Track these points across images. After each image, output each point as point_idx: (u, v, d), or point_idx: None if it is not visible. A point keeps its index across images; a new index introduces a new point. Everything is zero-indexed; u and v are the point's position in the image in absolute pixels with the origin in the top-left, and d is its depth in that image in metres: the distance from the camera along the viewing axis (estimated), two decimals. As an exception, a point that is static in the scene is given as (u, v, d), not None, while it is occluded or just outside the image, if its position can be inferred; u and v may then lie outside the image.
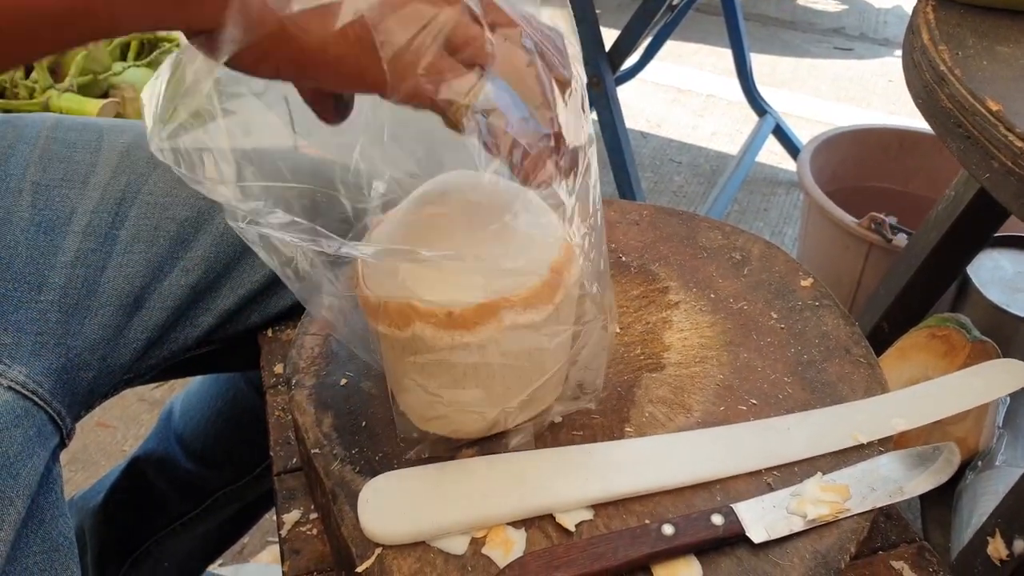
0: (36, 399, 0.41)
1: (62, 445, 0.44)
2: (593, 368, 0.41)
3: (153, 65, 1.60)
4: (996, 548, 0.54)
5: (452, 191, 0.38)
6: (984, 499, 0.73)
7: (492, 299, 0.35)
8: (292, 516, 0.46)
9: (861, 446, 0.41)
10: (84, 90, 1.44)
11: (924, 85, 0.53)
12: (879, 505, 0.38)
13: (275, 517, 0.78)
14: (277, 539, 0.90)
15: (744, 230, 0.57)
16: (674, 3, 1.22)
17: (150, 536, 0.70)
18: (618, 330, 0.49)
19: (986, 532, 0.56)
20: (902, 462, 0.40)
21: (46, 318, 0.44)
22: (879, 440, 0.41)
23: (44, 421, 0.41)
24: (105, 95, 1.53)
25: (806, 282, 0.52)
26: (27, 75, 1.44)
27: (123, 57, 1.66)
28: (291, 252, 0.36)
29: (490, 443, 0.41)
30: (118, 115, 1.46)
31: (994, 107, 0.46)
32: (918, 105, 0.54)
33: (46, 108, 1.37)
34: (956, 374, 0.45)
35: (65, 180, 0.49)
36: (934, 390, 0.44)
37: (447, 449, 0.40)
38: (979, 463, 0.78)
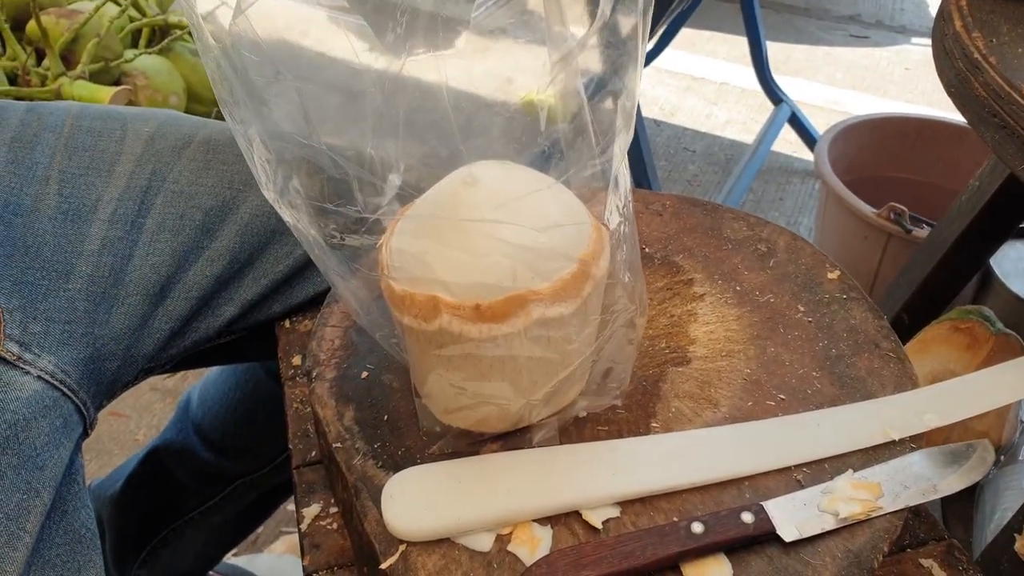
0: (64, 389, 0.41)
1: (84, 435, 0.44)
2: (620, 362, 0.40)
3: (164, 52, 1.60)
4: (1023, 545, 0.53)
5: (481, 180, 0.37)
6: (1007, 494, 0.72)
7: (520, 292, 0.35)
8: (312, 510, 0.45)
9: (892, 443, 0.40)
10: (96, 77, 1.43)
11: (957, 73, 0.52)
12: (912, 504, 0.37)
13: (289, 507, 0.78)
14: (292, 529, 0.90)
15: (769, 221, 0.56)
16: (691, -11, 1.20)
17: (168, 525, 0.71)
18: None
19: (1012, 529, 0.55)
20: (935, 460, 0.40)
21: (74, 307, 0.44)
22: (911, 437, 0.40)
23: (71, 411, 0.41)
24: (117, 82, 1.52)
25: (833, 275, 0.51)
26: (39, 62, 1.43)
27: (135, 44, 1.65)
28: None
29: (514, 438, 0.40)
30: (130, 102, 1.46)
31: (1031, 96, 0.44)
32: (950, 94, 0.53)
33: (58, 95, 1.37)
34: (988, 370, 0.44)
35: (91, 168, 0.49)
36: (966, 386, 0.43)
37: (470, 443, 0.40)
38: (1001, 458, 0.78)
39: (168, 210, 0.50)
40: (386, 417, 0.42)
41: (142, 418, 1.17)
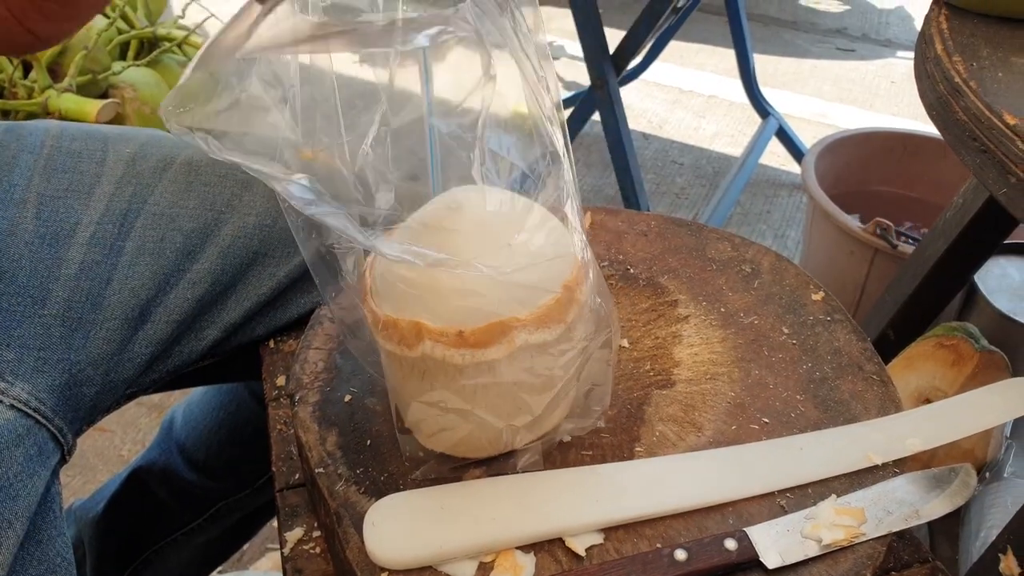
0: (38, 417, 0.40)
1: (62, 461, 0.44)
2: (600, 384, 0.40)
3: (153, 65, 1.59)
4: (1008, 565, 0.53)
5: (463, 206, 0.37)
6: (992, 511, 0.72)
7: (504, 318, 0.34)
8: (295, 534, 0.45)
9: (875, 467, 0.40)
10: (83, 90, 1.43)
11: (938, 97, 0.52)
12: (895, 529, 0.37)
13: (275, 523, 0.78)
14: (278, 547, 0.89)
15: (754, 242, 0.56)
16: (679, 5, 1.21)
17: (150, 546, 0.70)
18: (626, 344, 0.48)
19: (997, 549, 0.55)
20: (918, 484, 0.40)
21: (49, 333, 0.44)
22: (894, 461, 0.40)
23: (45, 439, 0.41)
24: (104, 95, 1.52)
25: (817, 296, 0.51)
26: (25, 75, 1.43)
27: (122, 57, 1.65)
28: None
29: (498, 463, 0.40)
30: (118, 115, 1.45)
31: (1011, 121, 0.45)
32: (931, 117, 0.53)
33: (45, 108, 1.36)
34: (972, 393, 0.44)
35: (70, 191, 0.48)
36: (950, 409, 0.43)
37: (453, 468, 0.40)
38: (987, 474, 0.78)
39: (148, 233, 0.49)
40: (369, 442, 0.42)
41: (127, 433, 1.16)
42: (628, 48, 1.19)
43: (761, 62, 2.16)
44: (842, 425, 0.43)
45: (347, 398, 0.44)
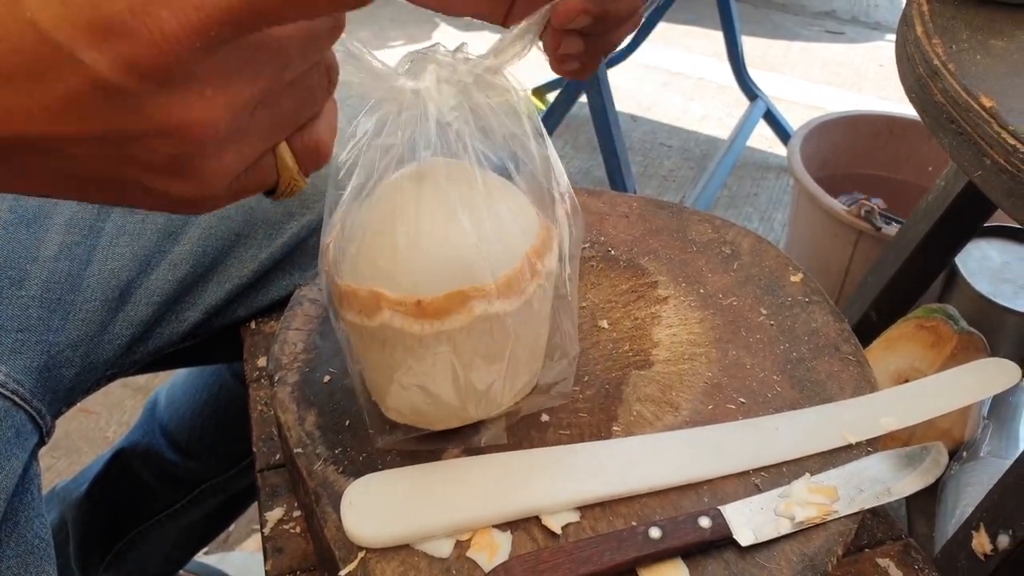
0: (16, 399, 0.40)
1: (41, 443, 0.44)
2: (565, 359, 0.40)
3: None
4: (980, 543, 0.54)
5: (428, 176, 0.36)
6: (968, 490, 0.74)
7: (463, 288, 0.34)
8: (275, 514, 0.45)
9: (850, 446, 0.41)
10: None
11: (917, 79, 0.52)
12: (867, 507, 0.38)
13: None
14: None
15: (734, 223, 0.56)
16: (666, -14, 1.20)
17: (134, 527, 0.70)
18: (606, 325, 0.48)
19: (970, 526, 0.56)
20: (890, 462, 0.40)
21: (27, 314, 0.43)
22: (867, 440, 0.41)
23: (23, 421, 0.41)
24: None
25: (796, 277, 0.51)
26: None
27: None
28: None
29: (464, 436, 0.40)
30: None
31: (987, 103, 0.45)
32: (911, 99, 0.54)
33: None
34: (946, 372, 0.45)
35: None
36: (924, 388, 0.44)
37: (419, 441, 0.40)
38: (963, 454, 0.79)
39: (129, 214, 0.49)
40: (348, 422, 0.42)
41: (112, 415, 1.16)
42: (615, 29, 1.19)
43: (750, 44, 2.16)
44: (818, 405, 0.43)
45: (326, 379, 0.44)
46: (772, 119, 1.77)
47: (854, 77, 2.21)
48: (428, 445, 0.40)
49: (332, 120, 0.29)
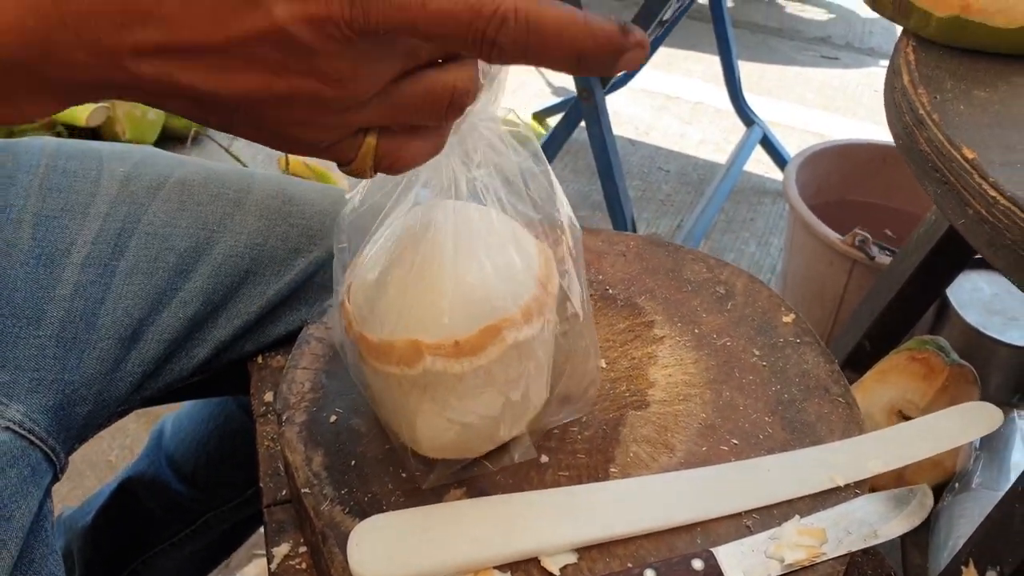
0: (32, 438, 0.42)
1: (54, 480, 0.45)
2: (577, 376, 0.43)
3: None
4: (969, 577, 0.55)
5: (436, 221, 0.38)
6: (960, 522, 0.75)
7: (493, 322, 0.37)
8: (282, 550, 0.46)
9: (838, 488, 0.42)
10: (72, 95, 1.43)
11: (904, 127, 0.54)
12: (854, 549, 0.39)
13: (262, 532, 0.79)
14: (263, 553, 0.90)
15: (728, 263, 0.58)
16: (664, 19, 1.23)
17: (140, 556, 0.71)
18: (604, 365, 0.50)
19: (960, 561, 0.57)
20: (877, 505, 0.42)
21: (44, 354, 0.45)
22: (856, 482, 0.42)
23: (39, 459, 0.42)
24: (94, 99, 1.52)
25: (787, 318, 0.53)
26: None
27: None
28: None
29: (497, 457, 0.42)
30: (108, 119, 1.46)
31: (970, 155, 0.47)
32: (898, 145, 0.55)
33: (34, 114, 1.37)
34: (932, 416, 0.46)
35: (65, 210, 0.49)
36: (909, 432, 0.45)
37: (454, 474, 0.42)
38: (956, 485, 0.80)
39: (142, 252, 0.50)
40: (353, 463, 0.43)
41: (115, 439, 1.17)
42: (613, 60, 1.21)
43: (748, 68, 2.19)
44: (808, 446, 0.44)
45: (333, 419, 0.46)
46: (768, 145, 1.80)
47: (848, 102, 2.23)
48: (467, 473, 0.42)
49: (427, 146, 0.31)
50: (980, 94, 0.53)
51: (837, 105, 2.22)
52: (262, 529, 0.88)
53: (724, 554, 0.38)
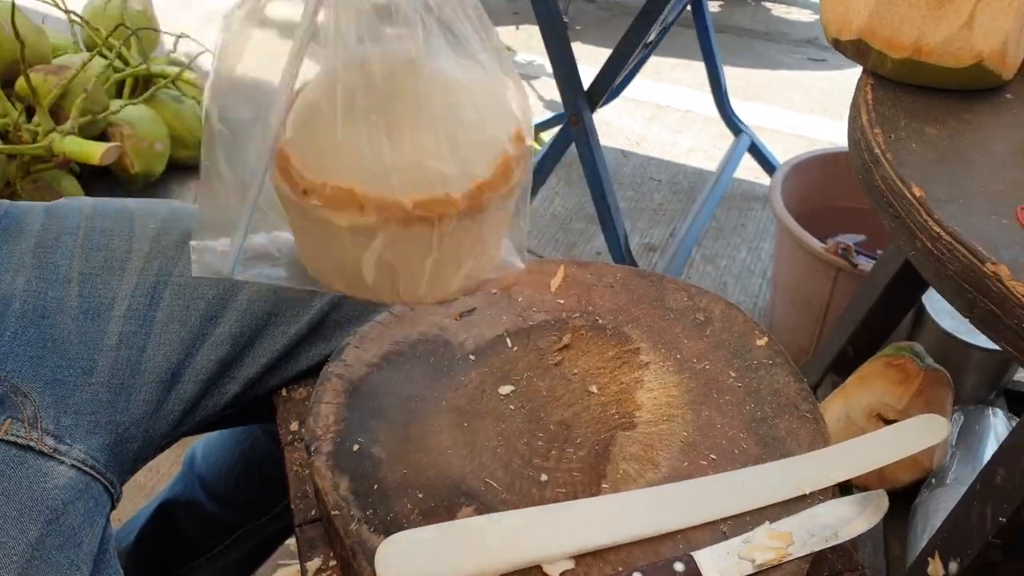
0: (94, 473, 0.47)
1: (112, 507, 0.51)
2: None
3: (149, 102, 1.66)
4: (935, 569, 0.61)
5: (419, 59, 0.36)
6: (936, 516, 0.80)
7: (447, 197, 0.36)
8: (314, 564, 0.52)
9: (804, 496, 0.48)
10: (83, 130, 1.49)
11: (863, 164, 0.59)
12: (817, 549, 0.45)
13: (288, 542, 0.85)
14: (288, 562, 0.96)
15: (707, 291, 0.63)
16: (648, 41, 1.28)
17: (178, 571, 0.77)
18: (595, 390, 0.55)
19: (928, 552, 0.63)
20: (838, 510, 0.47)
21: (97, 399, 0.51)
22: (820, 490, 0.48)
23: (100, 491, 0.48)
24: (104, 133, 1.58)
25: (761, 341, 0.59)
26: (29, 119, 1.49)
27: (118, 94, 1.71)
28: None
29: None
30: (122, 156, 1.52)
31: (917, 193, 0.52)
32: (858, 179, 0.61)
33: (50, 151, 1.42)
34: (887, 428, 0.52)
35: (105, 268, 0.55)
36: (867, 444, 0.51)
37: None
38: (932, 481, 0.86)
39: (175, 302, 0.56)
40: (376, 487, 0.49)
41: (139, 460, 1.23)
42: (602, 85, 1.27)
43: (734, 74, 2.24)
44: (779, 459, 0.50)
45: (355, 447, 0.51)
46: (757, 152, 1.85)
47: (836, 104, 2.29)
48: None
49: None
50: (931, 131, 0.59)
51: (825, 107, 2.27)
52: (287, 542, 0.94)
53: (702, 557, 0.44)
